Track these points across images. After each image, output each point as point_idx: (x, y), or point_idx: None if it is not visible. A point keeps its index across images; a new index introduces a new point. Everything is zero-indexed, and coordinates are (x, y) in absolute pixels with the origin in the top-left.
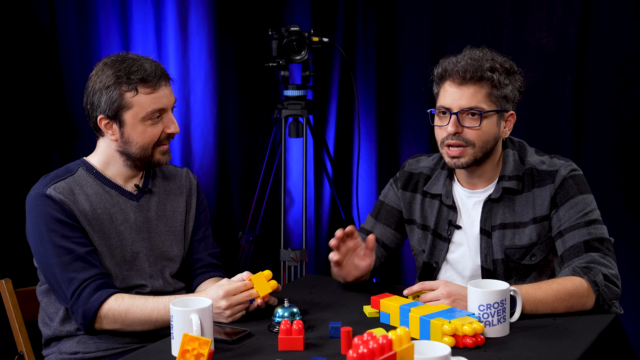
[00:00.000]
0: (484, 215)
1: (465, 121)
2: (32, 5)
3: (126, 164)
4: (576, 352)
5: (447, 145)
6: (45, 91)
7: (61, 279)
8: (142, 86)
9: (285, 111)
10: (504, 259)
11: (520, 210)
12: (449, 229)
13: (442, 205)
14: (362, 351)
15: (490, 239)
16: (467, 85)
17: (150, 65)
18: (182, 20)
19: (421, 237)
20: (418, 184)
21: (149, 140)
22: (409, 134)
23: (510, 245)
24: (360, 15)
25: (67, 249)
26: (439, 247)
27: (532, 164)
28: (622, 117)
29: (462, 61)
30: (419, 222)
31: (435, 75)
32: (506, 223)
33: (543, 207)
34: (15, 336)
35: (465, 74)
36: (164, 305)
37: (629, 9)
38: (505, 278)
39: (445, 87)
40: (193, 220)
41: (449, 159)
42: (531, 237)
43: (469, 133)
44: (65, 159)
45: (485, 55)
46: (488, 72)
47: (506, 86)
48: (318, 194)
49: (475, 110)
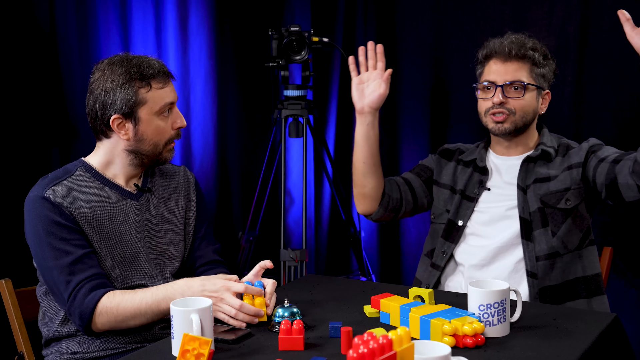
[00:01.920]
0: (522, 173)
1: (509, 93)
2: (32, 5)
3: (132, 163)
4: (576, 352)
5: (491, 114)
6: (45, 91)
7: (59, 282)
8: (154, 82)
9: (285, 111)
10: (540, 207)
11: (554, 168)
12: (478, 189)
13: (474, 171)
14: (362, 351)
15: (525, 194)
16: (511, 62)
17: (157, 62)
18: (182, 20)
19: (447, 198)
20: (453, 155)
21: (162, 136)
22: (409, 134)
23: (545, 192)
24: (360, 15)
25: (65, 251)
26: (465, 207)
27: (567, 142)
28: (622, 117)
29: (506, 41)
30: (447, 184)
31: (480, 56)
32: (541, 178)
33: (580, 157)
34: (15, 336)
35: (511, 51)
36: (152, 293)
37: (629, 9)
38: (542, 226)
39: (490, 64)
40: (194, 218)
41: (494, 125)
42: (565, 182)
43: (512, 103)
44: (65, 159)
45: (526, 38)
46: (530, 50)
47: (544, 66)
48: (318, 194)
49: (518, 83)
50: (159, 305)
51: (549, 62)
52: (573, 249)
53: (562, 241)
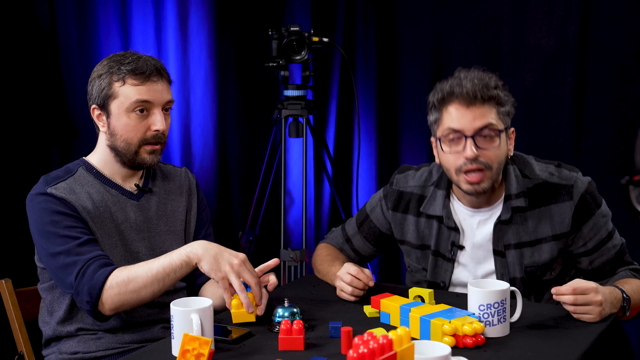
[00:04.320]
0: (496, 236)
1: (481, 143)
2: (32, 5)
3: (116, 160)
4: (576, 352)
5: (464, 172)
6: (45, 91)
7: (66, 264)
8: (130, 77)
9: (285, 111)
10: (523, 277)
11: (536, 227)
12: (452, 250)
13: (442, 224)
14: (362, 351)
15: (504, 258)
16: (476, 106)
17: (146, 60)
18: (182, 20)
19: (420, 257)
20: (409, 205)
21: (132, 134)
22: (409, 134)
23: (530, 263)
24: (360, 15)
25: (72, 236)
26: (444, 267)
27: (542, 177)
28: (622, 117)
29: (466, 82)
30: (414, 243)
31: (435, 101)
32: (523, 242)
33: (564, 224)
34: (15, 336)
35: (476, 94)
36: (165, 258)
37: (629, 9)
38: (524, 295)
39: (450, 110)
40: (195, 220)
41: (469, 186)
42: (552, 253)
43: (487, 155)
44: (65, 159)
45: (484, 74)
46: (494, 89)
47: (507, 102)
48: (318, 194)
49: (489, 130)
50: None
51: (508, 95)
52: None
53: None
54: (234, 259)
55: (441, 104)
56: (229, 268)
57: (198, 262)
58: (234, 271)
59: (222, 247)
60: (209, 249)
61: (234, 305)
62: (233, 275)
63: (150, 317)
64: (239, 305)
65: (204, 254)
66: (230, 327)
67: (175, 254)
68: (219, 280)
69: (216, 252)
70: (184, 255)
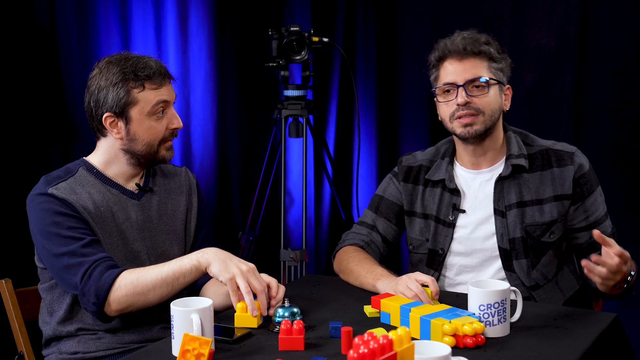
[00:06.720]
0: (497, 195)
1: (472, 92)
2: (32, 5)
3: (130, 162)
4: (576, 352)
5: (457, 117)
6: (45, 91)
7: (71, 264)
8: (148, 83)
9: (285, 111)
10: (523, 236)
11: (537, 187)
12: (453, 213)
13: (444, 191)
14: (362, 351)
15: (505, 218)
16: (467, 59)
17: (155, 63)
18: (182, 20)
19: (423, 227)
20: (419, 176)
21: (155, 136)
22: (409, 134)
23: (531, 222)
24: (360, 15)
25: (74, 237)
26: (443, 233)
27: (545, 145)
28: (622, 117)
29: (457, 39)
30: (419, 212)
31: (433, 59)
32: (525, 201)
33: (564, 186)
34: (15, 336)
35: (466, 48)
36: (175, 262)
37: (629, 9)
38: (524, 256)
39: (446, 65)
40: (195, 219)
41: (462, 129)
42: (552, 214)
43: (477, 102)
44: (65, 159)
45: (478, 33)
46: (484, 45)
47: (501, 60)
48: (318, 194)
49: (480, 79)
50: (182, 268)
51: (504, 55)
52: (551, 277)
53: (541, 273)
54: (243, 265)
55: (438, 61)
56: (237, 270)
57: (208, 266)
58: (242, 274)
59: (232, 255)
60: (219, 254)
61: (238, 308)
62: (241, 277)
63: (150, 317)
64: (244, 309)
65: (214, 258)
66: (230, 327)
67: (186, 259)
68: (226, 281)
69: (226, 257)
70: (195, 260)
